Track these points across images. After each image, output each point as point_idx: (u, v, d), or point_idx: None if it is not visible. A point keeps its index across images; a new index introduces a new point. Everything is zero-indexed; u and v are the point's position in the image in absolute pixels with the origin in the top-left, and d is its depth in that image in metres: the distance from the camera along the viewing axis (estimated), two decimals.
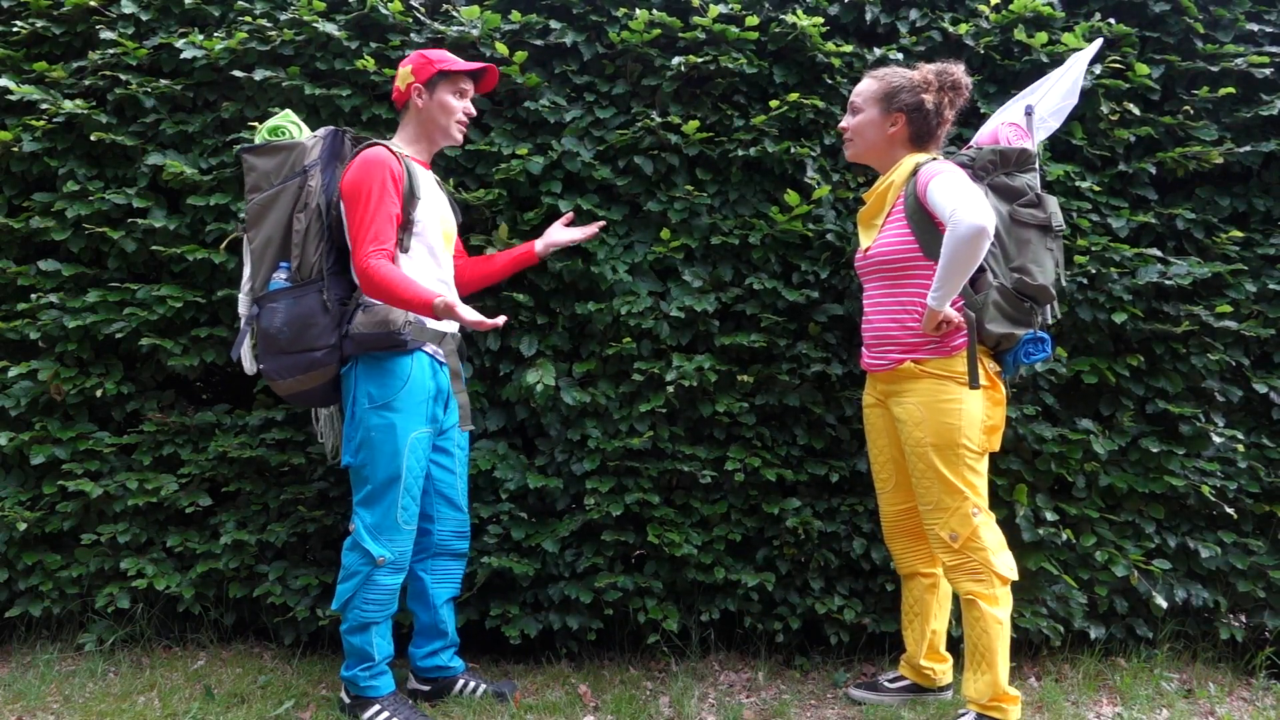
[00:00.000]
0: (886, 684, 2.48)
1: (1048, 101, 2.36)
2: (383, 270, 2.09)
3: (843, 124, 2.31)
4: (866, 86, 2.26)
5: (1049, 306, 2.20)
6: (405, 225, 2.20)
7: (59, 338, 2.65)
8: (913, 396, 2.17)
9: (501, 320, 2.03)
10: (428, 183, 2.30)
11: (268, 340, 2.20)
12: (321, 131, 2.28)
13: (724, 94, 2.74)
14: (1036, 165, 2.25)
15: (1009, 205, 2.19)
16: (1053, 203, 2.20)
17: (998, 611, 2.12)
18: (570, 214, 2.55)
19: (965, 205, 1.96)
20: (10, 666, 2.63)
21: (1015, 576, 2.14)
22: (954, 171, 2.07)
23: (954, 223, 1.96)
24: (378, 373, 2.18)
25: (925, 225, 2.13)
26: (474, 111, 2.35)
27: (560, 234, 2.49)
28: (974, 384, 2.10)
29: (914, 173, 2.17)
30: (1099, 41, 2.47)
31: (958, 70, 2.22)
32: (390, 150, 2.19)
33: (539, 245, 2.48)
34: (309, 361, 2.18)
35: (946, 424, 2.13)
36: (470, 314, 2.01)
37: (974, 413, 2.13)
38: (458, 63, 2.29)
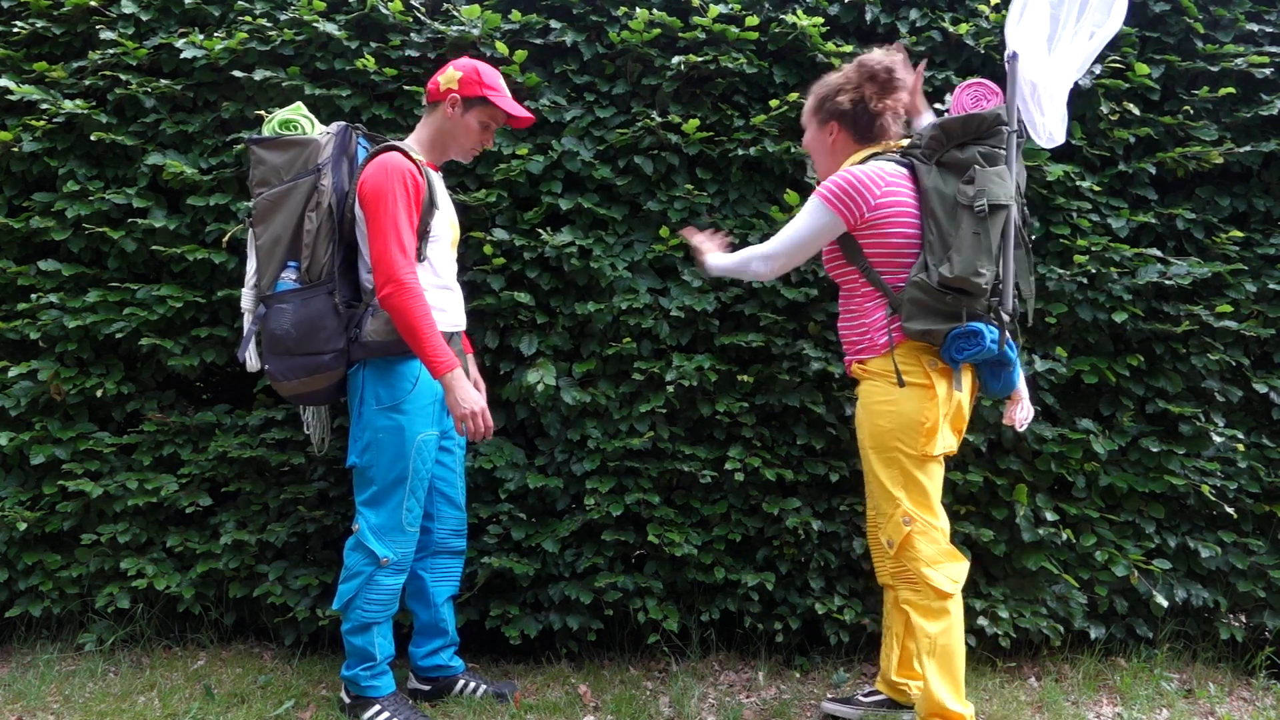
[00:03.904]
0: (861, 698, 2.38)
1: (1030, 30, 2.03)
2: (414, 300, 2.06)
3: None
4: (806, 104, 2.21)
5: (1002, 298, 2.00)
6: (422, 234, 2.17)
7: (59, 338, 2.65)
8: (859, 399, 2.13)
9: (486, 433, 2.13)
10: (442, 189, 2.29)
11: (274, 341, 2.17)
12: (333, 127, 2.24)
13: (724, 94, 2.74)
14: (1004, 129, 2.00)
15: (955, 183, 2.00)
16: (988, 176, 1.93)
17: (929, 625, 2.02)
18: None
19: (773, 242, 2.10)
20: (10, 666, 2.63)
21: (952, 590, 2.02)
22: (822, 200, 2.04)
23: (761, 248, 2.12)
24: (387, 374, 2.17)
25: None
26: (491, 145, 2.35)
27: None
28: (899, 382, 2.02)
29: None
30: None
31: (875, 59, 2.08)
32: (410, 158, 2.15)
33: None
34: (316, 364, 2.16)
35: (878, 425, 2.05)
36: (465, 403, 2.07)
37: (907, 414, 2.01)
38: (506, 100, 2.22)
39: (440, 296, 2.23)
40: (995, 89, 2.09)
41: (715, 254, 2.24)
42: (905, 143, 2.16)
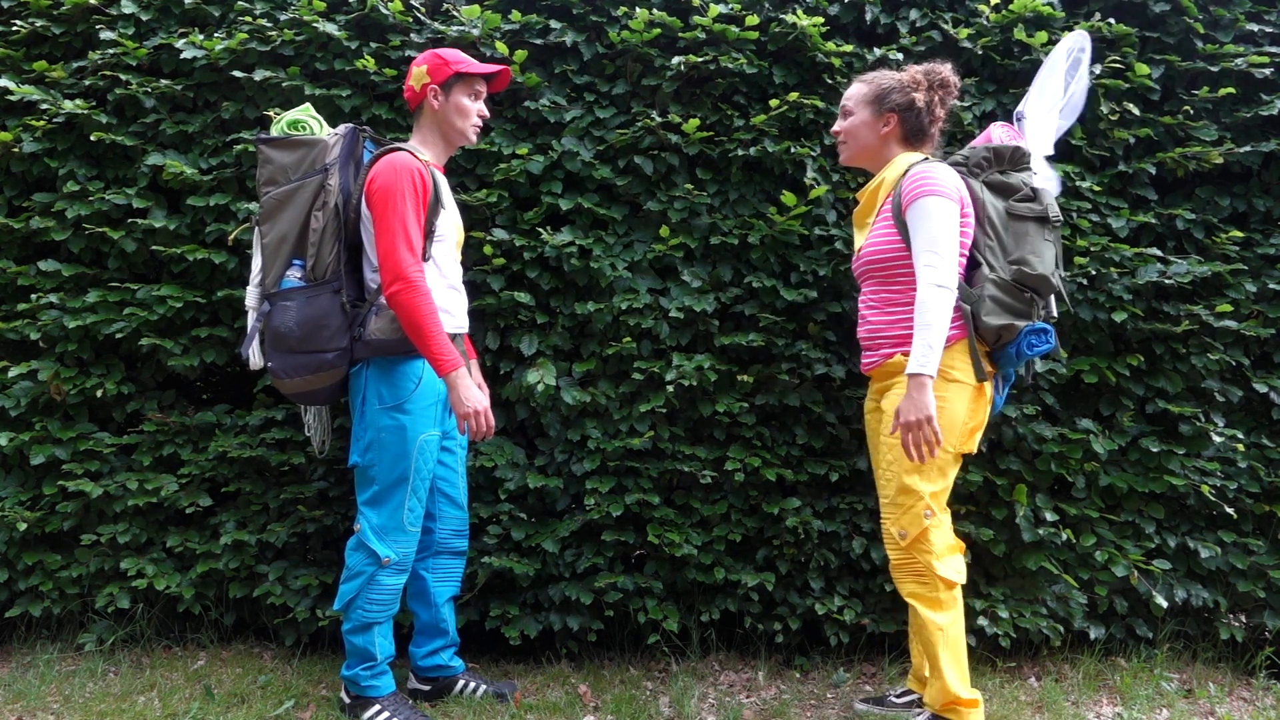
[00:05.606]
0: (893, 699, 2.41)
1: (1038, 102, 2.35)
2: (420, 297, 2.07)
3: (835, 128, 2.29)
4: (857, 90, 2.24)
5: (1051, 298, 2.19)
6: (429, 234, 2.18)
7: (59, 338, 2.65)
8: (901, 389, 2.09)
9: (486, 432, 2.13)
10: (447, 190, 2.29)
11: (277, 338, 2.18)
12: (341, 129, 2.25)
13: (724, 94, 2.74)
14: (1031, 166, 2.22)
15: (1005, 200, 2.16)
16: (1048, 196, 2.17)
17: (938, 617, 2.07)
18: None
19: (934, 263, 2.00)
20: (10, 666, 2.63)
21: (960, 580, 2.09)
22: (940, 197, 2.03)
23: (920, 282, 2.00)
24: (390, 374, 2.17)
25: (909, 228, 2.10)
26: (488, 114, 2.32)
27: None
28: (980, 376, 2.07)
29: (906, 173, 2.13)
30: (1075, 34, 2.40)
31: (945, 69, 2.21)
32: (417, 158, 2.17)
33: None
34: (319, 363, 2.16)
35: None
36: (469, 402, 2.09)
37: (957, 413, 2.06)
38: (474, 64, 2.25)
39: (446, 297, 2.23)
40: (1018, 132, 2.31)
41: (911, 359, 1.99)
42: (942, 154, 2.25)
